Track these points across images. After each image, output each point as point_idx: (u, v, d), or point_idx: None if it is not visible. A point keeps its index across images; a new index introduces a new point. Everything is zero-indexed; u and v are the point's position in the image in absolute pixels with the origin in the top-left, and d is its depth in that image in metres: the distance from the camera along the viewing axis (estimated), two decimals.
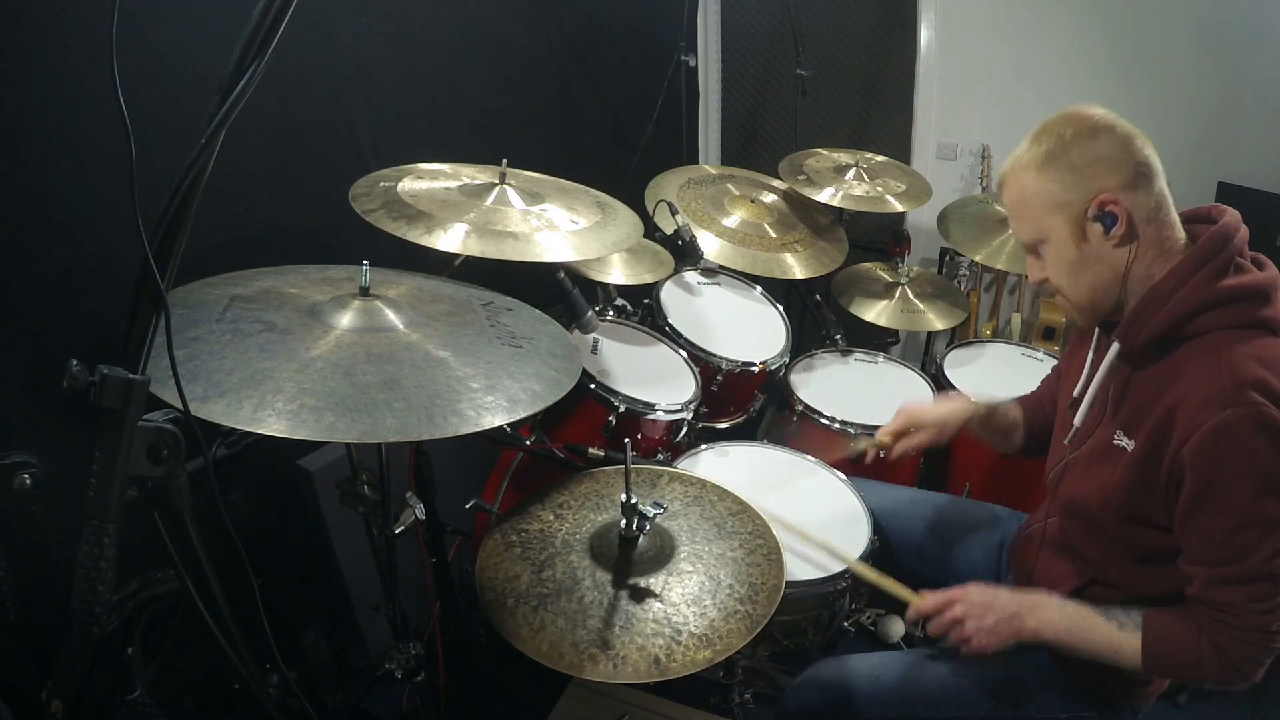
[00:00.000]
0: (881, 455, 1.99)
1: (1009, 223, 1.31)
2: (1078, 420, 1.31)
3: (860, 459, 1.99)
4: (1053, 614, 1.25)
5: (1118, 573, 1.29)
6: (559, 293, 1.67)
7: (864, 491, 1.74)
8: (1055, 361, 2.26)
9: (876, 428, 1.95)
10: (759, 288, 2.37)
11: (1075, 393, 1.35)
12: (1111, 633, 1.21)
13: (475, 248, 1.39)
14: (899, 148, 3.14)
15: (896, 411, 1.62)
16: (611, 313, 2.12)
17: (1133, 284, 1.18)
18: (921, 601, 1.34)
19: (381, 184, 1.51)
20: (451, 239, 1.39)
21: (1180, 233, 1.18)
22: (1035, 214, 1.21)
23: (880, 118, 3.24)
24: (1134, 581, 1.27)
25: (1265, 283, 1.12)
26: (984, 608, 1.27)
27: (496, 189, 1.56)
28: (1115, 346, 1.23)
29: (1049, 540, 1.40)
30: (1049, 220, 1.19)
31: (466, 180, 1.61)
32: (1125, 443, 1.20)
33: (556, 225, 1.52)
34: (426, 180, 1.57)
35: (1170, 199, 1.18)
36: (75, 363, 0.73)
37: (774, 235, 2.36)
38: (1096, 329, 1.34)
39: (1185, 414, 1.09)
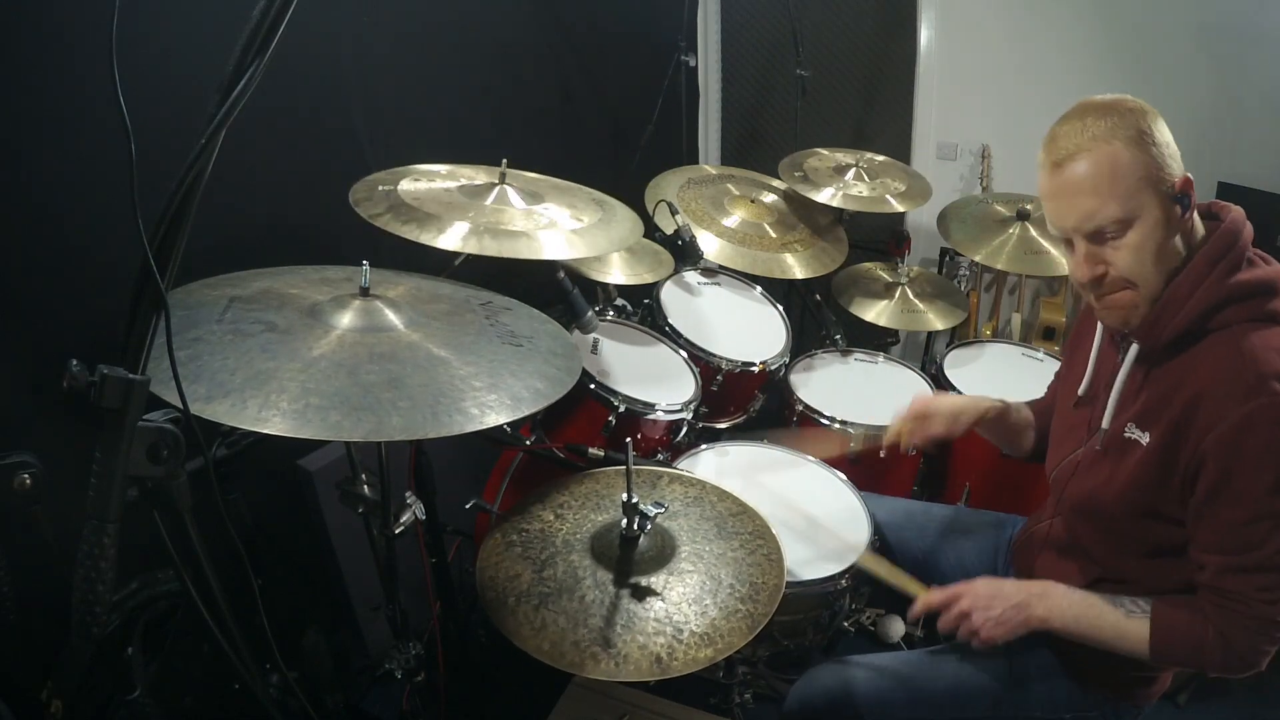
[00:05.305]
0: (882, 454, 1.99)
1: (1070, 203, 1.11)
2: (1105, 422, 1.25)
3: (860, 459, 1.99)
4: (1061, 601, 1.25)
5: (1126, 569, 1.28)
6: (559, 293, 1.67)
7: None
8: (1055, 362, 2.26)
9: (877, 428, 1.96)
10: (759, 288, 2.36)
11: (1081, 390, 1.34)
12: (1119, 619, 1.21)
13: (475, 246, 1.38)
14: (899, 148, 3.14)
15: (911, 401, 1.57)
16: (611, 313, 2.12)
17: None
18: (929, 595, 1.34)
19: (381, 187, 1.51)
20: (454, 239, 1.38)
21: (1201, 228, 1.17)
22: (1129, 188, 1.08)
23: (880, 118, 3.24)
24: (1143, 576, 1.26)
25: (1275, 276, 1.13)
26: (990, 598, 1.27)
27: (496, 189, 1.56)
28: (1135, 348, 1.21)
29: (1053, 541, 1.40)
30: (1144, 196, 1.09)
31: (466, 180, 1.61)
32: (1138, 435, 1.19)
33: (558, 224, 1.52)
34: (425, 181, 1.57)
35: None
36: (75, 363, 0.73)
37: (774, 235, 2.36)
38: (1099, 327, 1.32)
39: (1210, 406, 1.09)
